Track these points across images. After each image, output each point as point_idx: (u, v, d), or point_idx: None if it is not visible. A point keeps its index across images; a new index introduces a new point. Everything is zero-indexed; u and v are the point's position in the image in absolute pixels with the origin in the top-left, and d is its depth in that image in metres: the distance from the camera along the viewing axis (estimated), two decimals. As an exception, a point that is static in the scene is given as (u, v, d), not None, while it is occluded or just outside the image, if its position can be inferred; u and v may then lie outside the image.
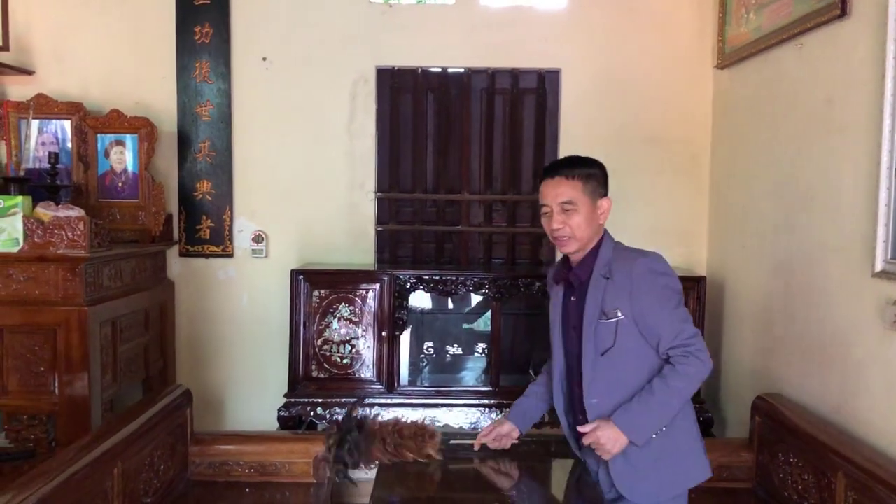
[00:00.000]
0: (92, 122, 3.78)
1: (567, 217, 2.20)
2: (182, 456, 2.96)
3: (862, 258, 2.53)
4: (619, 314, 2.15)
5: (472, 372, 4.08)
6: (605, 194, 2.29)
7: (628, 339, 2.16)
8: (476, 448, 2.48)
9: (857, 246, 2.58)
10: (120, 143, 3.81)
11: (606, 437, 2.13)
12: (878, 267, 2.41)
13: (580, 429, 2.21)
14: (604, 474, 2.25)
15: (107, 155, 3.81)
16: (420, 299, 4.02)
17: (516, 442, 2.50)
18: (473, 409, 3.67)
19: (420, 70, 4.03)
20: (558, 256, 4.05)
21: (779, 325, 3.20)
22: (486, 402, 3.68)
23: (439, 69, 4.05)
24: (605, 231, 2.31)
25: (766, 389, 3.17)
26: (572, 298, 2.29)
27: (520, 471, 2.42)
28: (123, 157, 3.82)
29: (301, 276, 3.64)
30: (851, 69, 2.64)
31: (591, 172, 2.26)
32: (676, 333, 2.14)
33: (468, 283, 3.69)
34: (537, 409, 2.56)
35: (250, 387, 4.05)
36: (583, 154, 2.36)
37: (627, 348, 2.16)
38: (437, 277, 3.69)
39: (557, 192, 2.22)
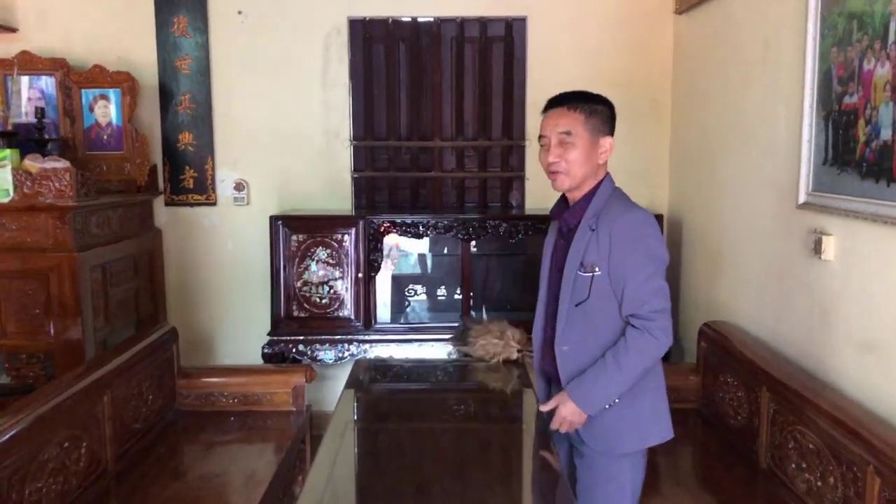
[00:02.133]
0: (76, 78, 3.94)
1: (564, 150, 2.10)
2: (170, 388, 3.21)
3: (790, 191, 2.72)
4: (597, 269, 2.07)
5: (447, 311, 4.30)
6: (609, 133, 2.17)
7: (602, 294, 2.07)
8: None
9: (786, 180, 2.77)
10: (104, 97, 3.98)
11: (568, 413, 2.09)
12: (802, 199, 2.61)
13: (542, 408, 2.21)
14: None
15: (91, 109, 3.97)
16: (403, 244, 4.22)
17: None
18: (446, 344, 3.89)
19: (391, 20, 4.16)
20: (528, 199, 4.28)
21: (726, 257, 3.41)
22: (458, 337, 3.90)
23: (410, 19, 4.18)
24: (608, 175, 2.21)
25: (715, 318, 3.39)
26: (561, 241, 2.23)
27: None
28: (107, 110, 3.98)
29: (280, 222, 3.84)
30: (784, 13, 2.79)
31: (595, 108, 2.14)
32: (642, 302, 2.03)
33: (438, 226, 3.89)
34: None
35: (236, 327, 4.29)
36: (546, 99, 2.27)
37: (600, 304, 2.08)
38: (409, 221, 3.89)
39: (557, 122, 2.11)
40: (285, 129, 4.20)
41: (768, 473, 2.58)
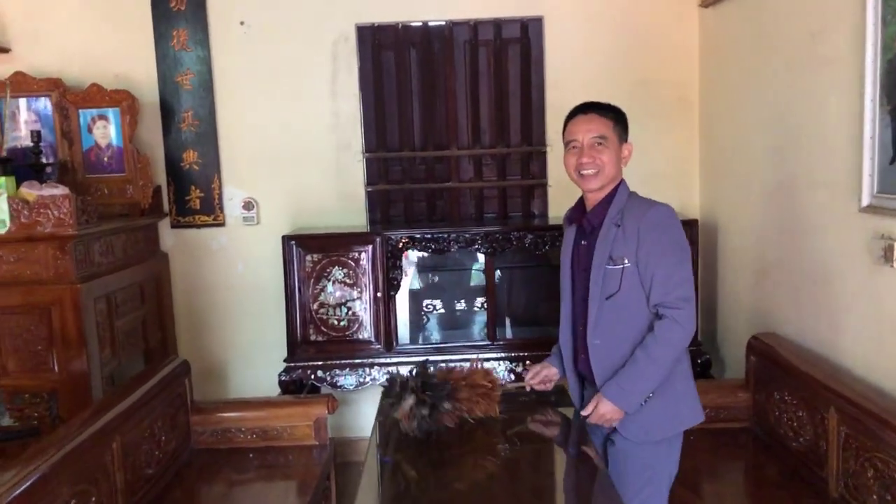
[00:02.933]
0: (72, 98, 3.74)
1: (597, 152, 2.23)
2: (184, 426, 3.00)
3: (849, 193, 2.51)
4: (626, 261, 2.17)
5: (471, 327, 4.09)
6: (628, 140, 2.33)
7: (632, 286, 2.17)
8: (527, 389, 2.52)
9: (843, 181, 2.55)
10: (102, 117, 3.78)
11: (608, 411, 2.17)
12: (865, 201, 2.39)
13: (583, 413, 2.24)
14: None
15: (90, 130, 3.77)
16: (417, 258, 4.02)
17: (559, 384, 2.52)
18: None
19: (401, 25, 3.96)
20: (551, 208, 4.06)
21: (771, 263, 3.19)
22: (485, 355, 3.69)
23: (420, 23, 3.98)
24: (622, 178, 2.33)
25: (761, 329, 3.17)
26: (583, 242, 2.32)
27: (514, 423, 2.45)
28: (107, 131, 3.79)
29: (293, 242, 3.63)
30: (834, 1, 2.58)
31: (618, 117, 2.30)
32: (668, 290, 2.14)
33: (460, 240, 3.68)
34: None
35: (251, 353, 4.08)
36: (569, 102, 2.39)
37: (631, 295, 2.18)
38: (429, 236, 3.68)
39: (590, 128, 2.25)
40: (294, 143, 4.00)
41: (841, 503, 2.36)
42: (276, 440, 3.07)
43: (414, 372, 2.38)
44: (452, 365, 2.56)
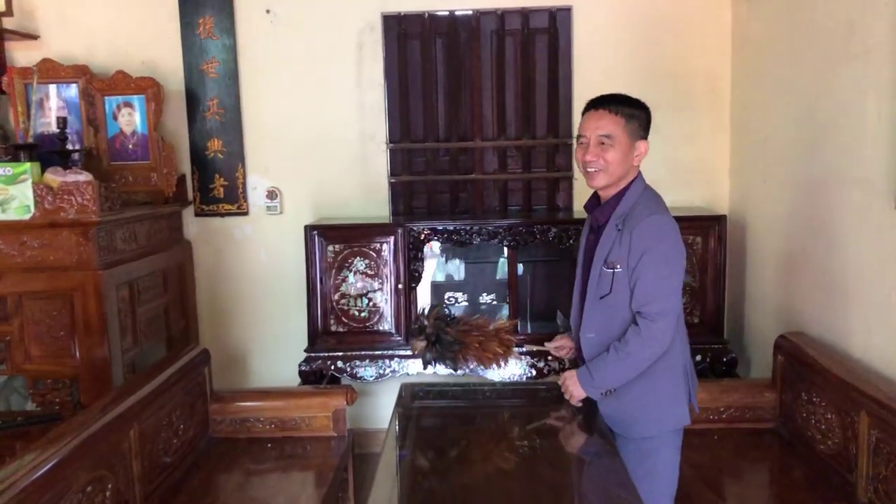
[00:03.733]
0: (98, 85, 3.75)
1: (602, 150, 2.20)
2: (202, 414, 3.00)
3: (885, 190, 2.43)
4: (618, 267, 2.20)
5: (493, 321, 4.05)
6: (645, 137, 2.27)
7: (623, 289, 2.20)
8: (546, 347, 2.60)
9: (880, 178, 2.47)
10: (128, 104, 3.78)
11: (571, 385, 2.31)
12: (902, 198, 2.31)
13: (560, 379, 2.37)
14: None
15: (115, 117, 3.78)
16: (440, 250, 3.98)
17: (572, 356, 2.57)
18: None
19: (427, 14, 3.91)
20: (576, 201, 4.00)
21: (800, 262, 3.11)
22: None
23: (447, 12, 3.93)
24: (639, 175, 2.30)
25: (789, 328, 3.10)
26: (592, 236, 2.36)
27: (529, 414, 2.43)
28: (132, 118, 3.79)
29: (315, 232, 3.61)
30: (873, -10, 2.50)
31: (634, 113, 2.25)
32: (649, 300, 2.16)
33: (483, 233, 3.64)
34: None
35: (272, 342, 4.07)
36: (593, 94, 2.32)
37: (621, 297, 2.21)
38: (452, 228, 3.64)
39: (598, 125, 2.22)
40: (318, 132, 3.97)
41: (870, 509, 2.29)
42: (295, 430, 3.06)
43: (426, 312, 2.44)
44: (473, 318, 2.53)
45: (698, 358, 3.60)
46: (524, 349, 3.48)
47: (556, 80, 3.95)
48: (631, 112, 2.24)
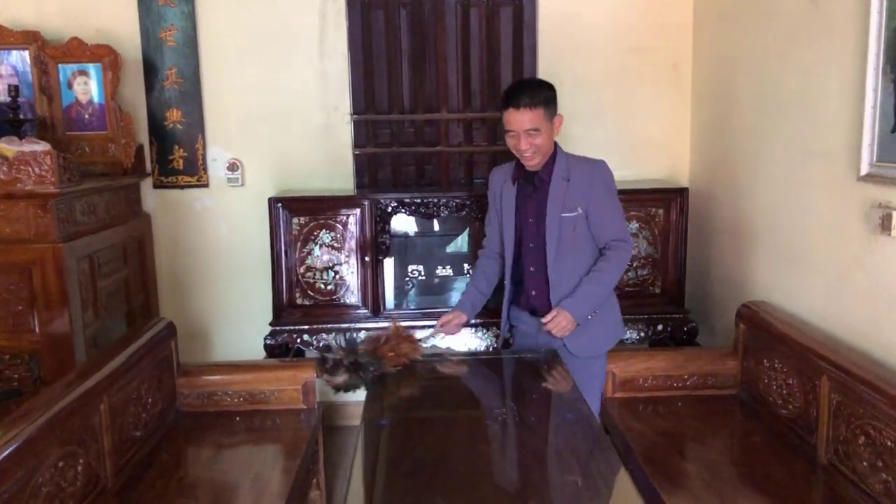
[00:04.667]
0: (51, 52, 3.62)
1: (532, 138, 2.54)
2: (169, 388, 2.96)
3: (847, 162, 2.50)
4: (579, 209, 2.61)
5: (458, 292, 4.06)
6: (557, 112, 2.62)
7: (582, 228, 2.63)
8: (436, 335, 2.86)
9: (841, 150, 2.54)
10: (83, 72, 3.66)
11: (565, 321, 2.58)
12: (864, 170, 2.38)
13: (545, 322, 2.61)
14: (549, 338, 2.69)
15: (70, 86, 3.66)
16: (404, 222, 3.97)
17: (465, 325, 2.93)
18: (467, 328, 3.66)
19: (391, -16, 3.87)
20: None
21: (763, 232, 3.19)
22: (472, 321, 3.66)
23: (411, -18, 3.89)
24: (556, 142, 2.67)
25: (751, 297, 3.18)
26: (533, 195, 2.67)
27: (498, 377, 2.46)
28: (88, 87, 3.67)
29: (279, 204, 3.57)
30: (837, -34, 2.55)
31: (546, 96, 2.56)
32: (620, 229, 2.68)
33: (449, 205, 3.64)
34: (481, 300, 2.94)
35: (235, 316, 4.03)
36: (562, 67, 2.59)
37: (581, 236, 2.64)
38: (419, 200, 3.64)
39: (522, 120, 2.52)
40: (280, 103, 3.91)
41: (830, 469, 2.38)
42: (264, 404, 3.04)
43: (342, 344, 2.53)
44: (375, 334, 2.67)
45: (659, 327, 3.69)
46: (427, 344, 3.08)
47: (521, 52, 3.94)
48: (543, 97, 2.54)
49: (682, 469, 2.49)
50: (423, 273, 4.23)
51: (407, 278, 4.17)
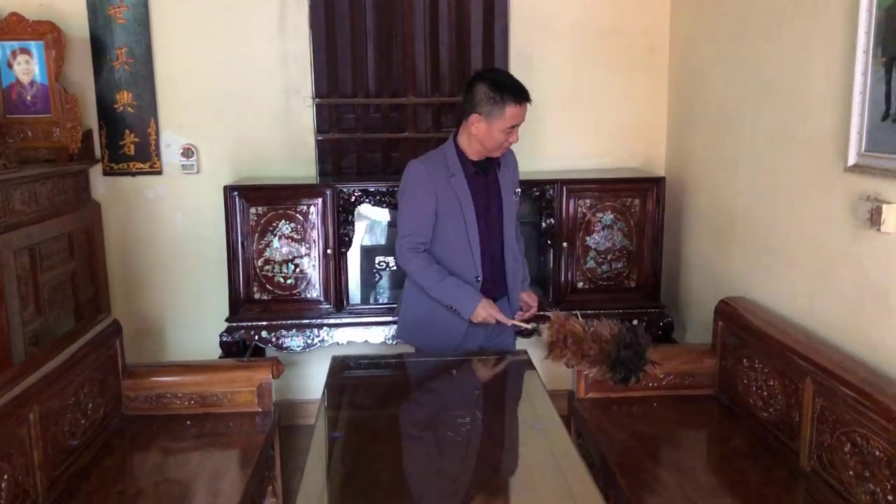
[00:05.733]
0: (-11, 29, 3.38)
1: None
2: (114, 391, 2.76)
3: (833, 151, 2.36)
4: (516, 193, 2.78)
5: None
6: None
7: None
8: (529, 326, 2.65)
9: (828, 139, 2.40)
10: (24, 51, 3.42)
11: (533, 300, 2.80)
12: (852, 160, 2.24)
13: (523, 315, 2.75)
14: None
15: (10, 66, 3.42)
16: (371, 212, 3.79)
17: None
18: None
19: (355, -40, 3.66)
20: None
21: (742, 224, 3.06)
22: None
23: (377, -42, 3.68)
24: None
25: (729, 292, 3.05)
26: (483, 184, 2.68)
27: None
28: (30, 67, 3.44)
29: (236, 193, 3.37)
30: (825, -57, 2.40)
31: None
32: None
33: (417, 193, 3.46)
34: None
35: (191, 312, 3.83)
36: (534, 50, 2.81)
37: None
38: (384, 189, 3.46)
39: (524, 116, 2.58)
40: (238, 85, 3.70)
41: (813, 477, 2.25)
42: (217, 406, 2.85)
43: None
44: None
45: (634, 322, 3.55)
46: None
47: (491, 34, 3.76)
48: None
49: (658, 476, 2.35)
50: (390, 265, 4.06)
51: (374, 270, 4.00)
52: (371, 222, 3.93)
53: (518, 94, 2.52)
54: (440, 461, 1.85)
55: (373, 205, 3.52)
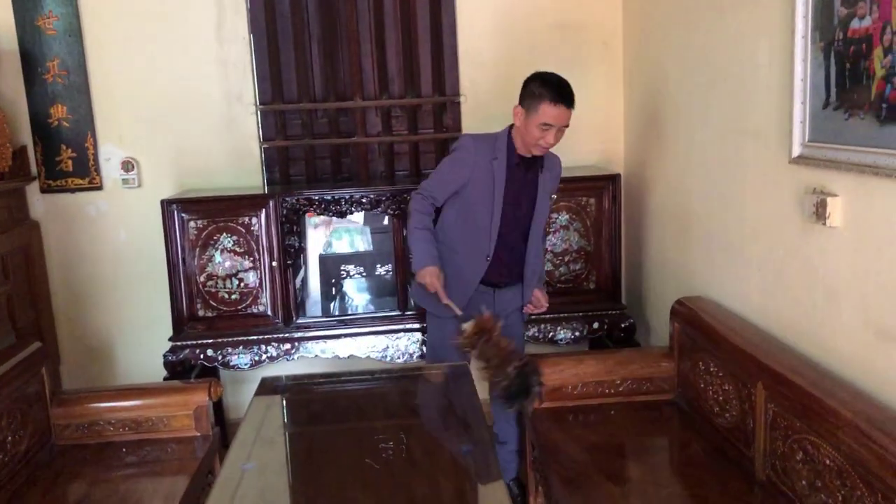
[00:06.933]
0: (-89, 45, 3.24)
1: (560, 134, 2.62)
2: (41, 421, 2.62)
3: (779, 142, 2.25)
4: (552, 196, 2.88)
5: (383, 297, 3.78)
6: None
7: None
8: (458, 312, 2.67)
9: (773, 129, 2.29)
10: (-51, 66, 3.29)
11: (543, 297, 2.88)
12: (796, 151, 2.13)
13: (532, 309, 2.91)
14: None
15: (-66, 82, 3.28)
16: (323, 221, 3.67)
17: None
18: (381, 336, 3.38)
19: (294, -39, 3.53)
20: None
21: (697, 221, 2.95)
22: (395, 326, 3.39)
23: (317, -42, 3.55)
24: None
25: (688, 292, 2.93)
26: (523, 180, 2.74)
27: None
28: (-44, 83, 3.30)
29: (175, 206, 3.24)
30: (763, -76, 2.28)
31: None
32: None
33: (364, 201, 3.34)
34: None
35: (138, 331, 3.68)
36: (484, 47, 3.09)
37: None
38: (330, 197, 3.33)
39: (565, 118, 2.59)
40: (177, 95, 3.56)
41: (768, 487, 2.13)
42: (153, 432, 2.72)
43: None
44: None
45: (595, 325, 3.44)
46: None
47: (439, 32, 3.64)
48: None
49: (610, 494, 2.22)
50: (349, 274, 3.94)
51: (333, 281, 3.88)
52: (330, 230, 3.81)
53: (555, 93, 2.55)
54: (355, 495, 1.72)
55: (318, 213, 3.39)
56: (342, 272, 3.95)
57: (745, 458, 2.27)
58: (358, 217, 3.85)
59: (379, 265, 3.93)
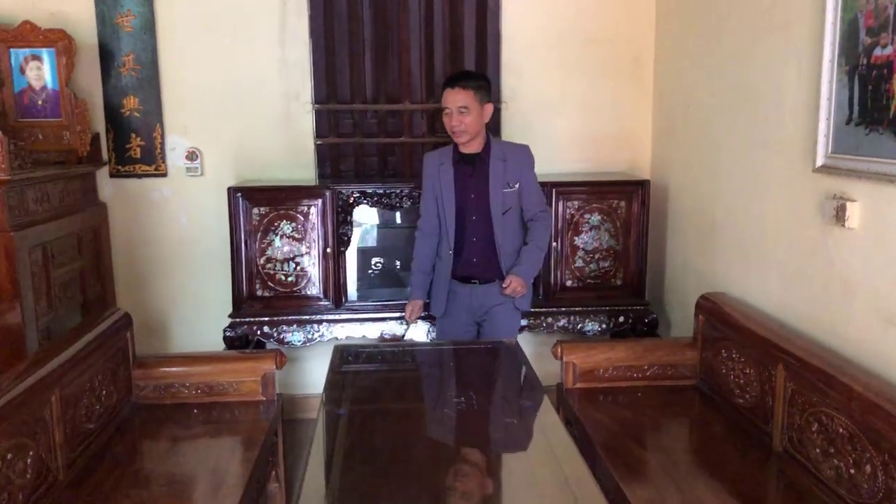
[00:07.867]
0: (3, 36, 3.51)
1: (462, 117, 2.98)
2: (125, 380, 2.90)
3: (803, 154, 2.53)
4: (517, 186, 3.08)
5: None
6: (490, 101, 3.09)
7: (517, 202, 3.11)
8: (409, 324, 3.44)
9: (798, 142, 2.57)
10: (36, 57, 3.56)
11: (520, 286, 3.08)
12: (819, 161, 2.41)
13: (504, 287, 3.08)
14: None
15: (22, 71, 3.56)
16: (367, 214, 3.94)
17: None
18: (421, 321, 3.65)
19: (354, -29, 3.82)
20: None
21: (721, 224, 3.23)
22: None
23: (374, -31, 3.85)
24: (486, 129, 3.14)
25: (709, 289, 3.21)
26: (472, 175, 3.09)
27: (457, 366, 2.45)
28: (41, 73, 3.58)
29: (239, 194, 3.52)
30: (795, -40, 2.58)
31: (480, 84, 3.05)
32: (542, 200, 3.21)
33: (412, 196, 3.62)
34: (428, 282, 3.29)
35: (194, 309, 3.97)
36: (525, 58, 3.12)
37: (517, 209, 3.13)
38: (381, 191, 3.61)
39: (455, 99, 2.99)
40: (240, 91, 3.85)
41: (785, 457, 2.42)
42: (222, 395, 2.99)
43: None
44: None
45: (621, 319, 3.72)
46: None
47: (484, 41, 3.93)
48: (477, 84, 3.02)
49: (641, 457, 2.51)
50: (385, 265, 4.21)
51: (370, 270, 4.15)
52: (367, 226, 4.07)
53: (445, 81, 3.07)
54: (436, 434, 2.00)
55: (370, 206, 3.67)
56: (378, 263, 4.21)
57: (763, 433, 2.55)
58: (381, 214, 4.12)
59: (398, 262, 4.19)
